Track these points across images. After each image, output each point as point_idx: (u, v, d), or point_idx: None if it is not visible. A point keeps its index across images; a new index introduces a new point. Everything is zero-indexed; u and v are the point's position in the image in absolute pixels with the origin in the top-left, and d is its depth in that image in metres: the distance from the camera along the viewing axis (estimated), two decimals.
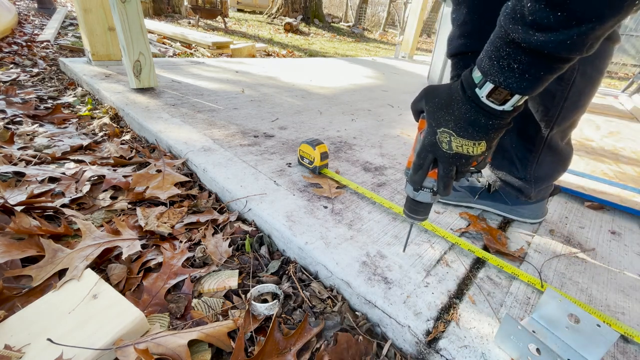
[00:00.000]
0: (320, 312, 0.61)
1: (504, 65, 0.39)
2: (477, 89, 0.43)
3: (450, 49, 0.69)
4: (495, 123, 0.44)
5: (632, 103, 2.91)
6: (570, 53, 0.36)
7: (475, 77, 0.43)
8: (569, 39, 0.34)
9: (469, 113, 0.44)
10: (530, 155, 0.76)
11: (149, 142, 1.21)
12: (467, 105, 0.44)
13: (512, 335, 0.50)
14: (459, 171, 0.52)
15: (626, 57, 8.43)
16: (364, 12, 12.70)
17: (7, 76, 1.68)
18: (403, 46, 4.66)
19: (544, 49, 0.36)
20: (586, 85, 0.66)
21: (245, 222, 0.83)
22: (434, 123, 0.49)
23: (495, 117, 0.43)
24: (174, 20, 5.89)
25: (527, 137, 0.74)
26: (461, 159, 0.48)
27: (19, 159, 0.95)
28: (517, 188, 0.82)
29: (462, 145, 0.47)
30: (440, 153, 0.49)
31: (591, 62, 0.63)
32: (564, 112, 0.68)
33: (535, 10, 0.34)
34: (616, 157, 1.47)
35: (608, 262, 0.77)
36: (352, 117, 1.64)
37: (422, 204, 0.59)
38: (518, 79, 0.39)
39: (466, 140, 0.46)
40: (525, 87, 0.40)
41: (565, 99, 0.66)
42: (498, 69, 0.40)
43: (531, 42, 0.36)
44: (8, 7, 3.02)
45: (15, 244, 0.64)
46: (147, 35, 1.52)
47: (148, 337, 0.51)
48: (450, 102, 0.47)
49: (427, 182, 0.56)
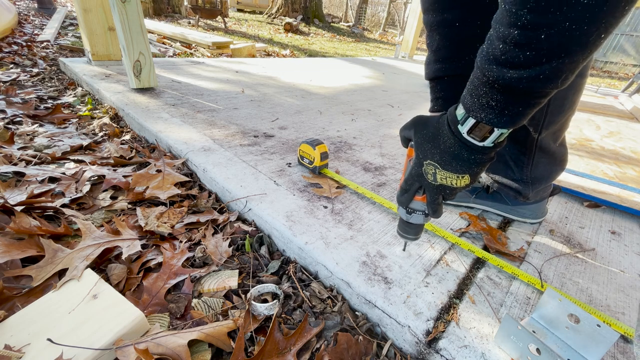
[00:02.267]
0: (320, 312, 0.61)
1: (483, 103, 0.41)
2: (460, 125, 0.45)
3: (427, 74, 0.71)
4: (477, 158, 0.46)
5: (632, 103, 2.91)
6: (545, 87, 0.37)
7: (459, 114, 0.45)
8: (541, 74, 0.35)
9: (453, 147, 0.47)
10: (524, 157, 0.77)
11: (149, 142, 1.21)
12: (451, 140, 0.46)
13: (512, 335, 0.50)
14: (445, 198, 0.54)
15: (626, 57, 8.43)
16: (364, 12, 12.70)
17: (7, 76, 1.68)
18: (403, 46, 4.66)
19: (519, 85, 0.37)
20: (568, 90, 0.66)
21: (245, 222, 0.83)
22: (421, 155, 0.51)
23: (477, 152, 0.45)
24: (174, 20, 5.89)
25: (518, 141, 0.75)
26: (445, 189, 0.51)
27: (19, 159, 0.95)
28: (514, 189, 0.83)
29: (446, 178, 0.49)
30: (426, 183, 0.53)
31: None
32: (549, 117, 0.68)
33: (506, 50, 0.36)
34: (616, 157, 1.47)
35: (608, 262, 0.77)
36: (352, 117, 1.64)
37: (414, 225, 0.61)
38: (498, 115, 0.41)
39: (450, 173, 0.48)
40: (505, 122, 0.41)
41: (548, 105, 0.66)
42: (479, 106, 0.41)
43: (505, 80, 0.37)
44: (8, 7, 3.02)
45: (15, 244, 0.64)
46: (147, 35, 1.52)
47: (148, 337, 0.51)
48: (437, 135, 0.49)
49: (418, 205, 0.58)
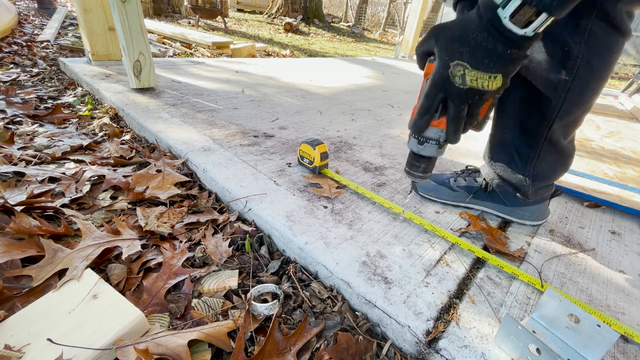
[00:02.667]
0: (320, 312, 0.61)
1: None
2: (500, 9, 0.40)
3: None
4: (513, 52, 0.42)
5: (632, 103, 2.91)
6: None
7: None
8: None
9: (486, 41, 0.42)
10: (531, 151, 0.74)
11: (149, 142, 1.21)
12: (484, 33, 0.42)
13: (512, 335, 0.50)
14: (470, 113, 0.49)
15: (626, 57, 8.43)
16: (364, 12, 12.70)
17: (7, 76, 1.68)
18: (403, 46, 4.66)
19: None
20: (591, 78, 0.63)
21: (245, 222, 0.83)
22: (446, 57, 0.46)
23: (514, 45, 0.42)
24: (174, 20, 5.89)
25: (529, 131, 0.73)
26: (475, 95, 0.46)
27: (19, 159, 0.95)
28: (514, 185, 0.81)
29: (477, 79, 0.45)
30: (453, 89, 0.46)
31: (596, 53, 0.61)
32: (566, 105, 0.66)
33: None
34: (616, 157, 1.47)
35: (608, 262, 0.77)
36: (352, 117, 1.64)
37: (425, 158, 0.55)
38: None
39: (482, 72, 0.44)
40: (557, 4, 0.38)
41: (568, 90, 0.64)
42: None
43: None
44: (8, 7, 3.02)
45: (15, 244, 0.64)
46: (147, 35, 1.52)
47: (148, 337, 0.51)
48: (466, 32, 0.44)
49: (432, 133, 0.52)
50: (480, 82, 0.45)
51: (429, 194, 0.94)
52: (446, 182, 0.92)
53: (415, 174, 0.58)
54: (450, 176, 0.93)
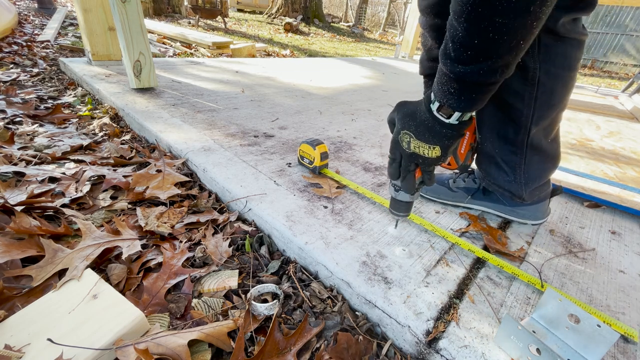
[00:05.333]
0: (320, 312, 0.61)
1: (445, 90, 0.50)
2: (432, 104, 0.54)
3: (421, 70, 0.82)
4: (447, 132, 0.54)
5: (632, 103, 2.91)
6: (488, 79, 0.46)
7: (432, 96, 0.54)
8: (481, 69, 0.45)
9: (427, 121, 0.55)
10: (516, 157, 0.75)
11: (149, 142, 1.21)
12: (426, 115, 0.55)
13: (512, 335, 0.50)
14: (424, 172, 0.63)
15: (626, 57, 8.43)
16: (364, 12, 12.70)
17: (7, 76, 1.68)
18: (403, 46, 4.66)
19: (467, 78, 0.47)
20: (555, 83, 0.65)
21: (245, 222, 0.83)
22: (399, 125, 0.59)
23: (446, 127, 0.54)
24: (174, 20, 5.89)
25: (508, 140, 0.74)
26: (418, 158, 0.59)
27: (19, 159, 0.95)
28: (508, 191, 0.81)
29: (419, 147, 0.57)
30: (401, 150, 0.61)
31: (552, 61, 0.63)
32: (538, 112, 0.68)
33: (455, 49, 0.45)
34: (616, 157, 1.47)
35: (608, 262, 0.77)
36: (352, 117, 1.64)
37: (402, 202, 0.68)
38: (456, 100, 0.50)
39: (422, 142, 0.56)
40: (463, 106, 0.51)
41: (536, 99, 0.66)
42: (441, 92, 0.51)
43: (457, 73, 0.47)
44: (8, 7, 3.02)
45: (15, 244, 0.64)
46: (147, 35, 1.52)
47: (148, 337, 0.51)
48: (415, 111, 0.57)
49: None
50: (421, 150, 0.57)
51: (428, 193, 0.94)
52: (445, 183, 0.92)
53: (398, 214, 0.70)
54: (450, 177, 0.93)
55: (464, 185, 0.90)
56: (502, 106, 0.70)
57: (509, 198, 0.84)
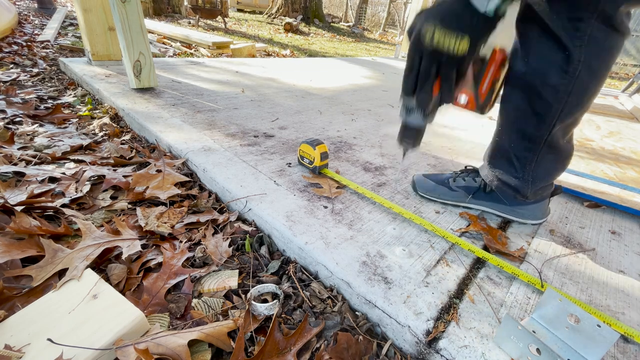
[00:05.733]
0: (320, 312, 0.61)
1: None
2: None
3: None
4: (480, 20, 0.49)
5: (632, 103, 2.91)
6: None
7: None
8: None
9: (457, 5, 0.49)
10: (530, 154, 0.74)
11: (149, 142, 1.21)
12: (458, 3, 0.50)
13: (512, 335, 0.50)
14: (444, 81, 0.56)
15: (626, 57, 8.42)
16: (364, 12, 12.70)
17: (7, 76, 1.68)
18: (403, 46, 4.66)
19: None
20: (591, 79, 0.63)
21: (245, 222, 0.83)
22: (422, 20, 0.53)
23: (480, 17, 0.49)
24: (174, 20, 5.89)
25: (527, 135, 0.73)
26: (442, 55, 0.52)
27: (19, 159, 0.95)
28: (513, 187, 0.81)
29: (444, 38, 0.50)
30: (423, 49, 0.53)
31: (597, 55, 0.61)
32: (567, 108, 0.65)
33: None
34: (616, 157, 1.47)
35: (608, 262, 0.77)
36: (352, 117, 1.64)
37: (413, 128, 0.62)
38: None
39: (449, 31, 0.50)
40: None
41: (570, 94, 0.64)
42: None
43: None
44: (8, 7, 3.02)
45: (15, 244, 0.64)
46: (147, 35, 1.52)
47: (148, 337, 0.51)
48: (442, 2, 0.52)
49: None
50: (447, 42, 0.50)
51: (428, 193, 0.93)
52: (445, 182, 0.92)
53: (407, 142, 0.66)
54: (450, 176, 0.93)
55: (464, 184, 0.90)
56: (531, 98, 0.68)
57: (512, 196, 0.83)
